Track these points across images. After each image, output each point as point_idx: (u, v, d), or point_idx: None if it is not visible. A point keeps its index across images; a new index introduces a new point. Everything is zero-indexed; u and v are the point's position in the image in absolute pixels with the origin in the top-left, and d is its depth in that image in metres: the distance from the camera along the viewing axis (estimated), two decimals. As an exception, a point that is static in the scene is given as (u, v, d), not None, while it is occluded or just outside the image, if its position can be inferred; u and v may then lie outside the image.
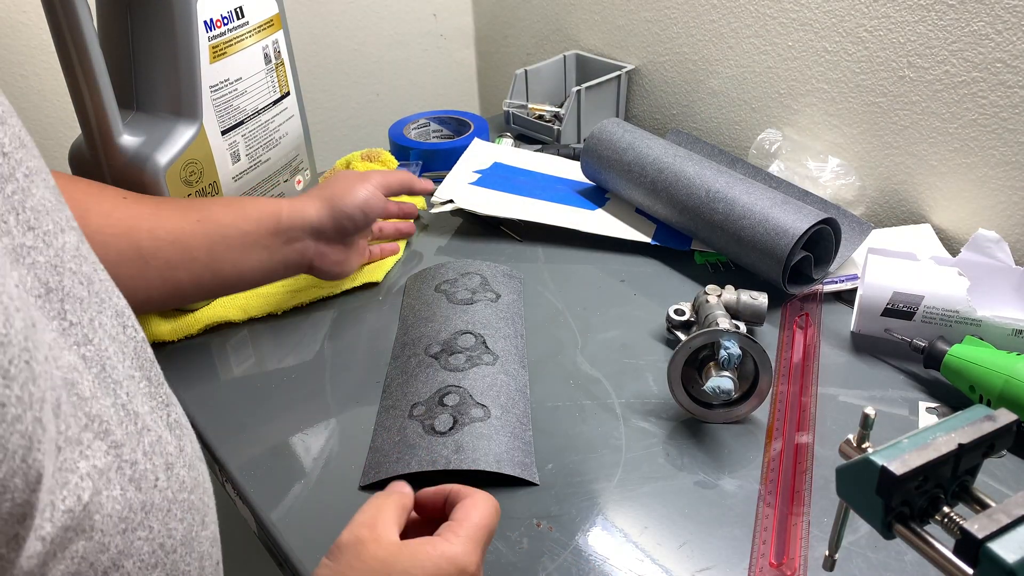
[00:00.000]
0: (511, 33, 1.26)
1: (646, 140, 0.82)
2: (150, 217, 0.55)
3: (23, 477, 0.21)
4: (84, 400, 0.27)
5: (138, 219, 0.55)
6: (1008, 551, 0.28)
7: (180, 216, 0.57)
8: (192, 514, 0.33)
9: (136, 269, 0.54)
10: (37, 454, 0.22)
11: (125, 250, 0.54)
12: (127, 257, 0.54)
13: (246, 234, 0.59)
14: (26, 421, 0.21)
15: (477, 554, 0.39)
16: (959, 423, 0.34)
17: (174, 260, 0.56)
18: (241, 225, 0.59)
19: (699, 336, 0.57)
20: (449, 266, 0.76)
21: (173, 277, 0.56)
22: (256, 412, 0.62)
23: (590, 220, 0.83)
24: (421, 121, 1.03)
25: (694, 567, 0.49)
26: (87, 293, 0.30)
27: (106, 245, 0.53)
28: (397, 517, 0.41)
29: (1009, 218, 0.74)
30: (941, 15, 0.72)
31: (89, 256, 0.31)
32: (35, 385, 0.22)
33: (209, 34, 0.66)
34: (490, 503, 0.42)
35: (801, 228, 0.67)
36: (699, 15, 0.94)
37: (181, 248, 0.56)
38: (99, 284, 0.31)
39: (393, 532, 0.39)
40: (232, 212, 0.59)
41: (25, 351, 0.21)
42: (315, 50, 1.17)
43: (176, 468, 0.32)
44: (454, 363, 0.63)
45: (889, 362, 0.65)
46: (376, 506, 0.41)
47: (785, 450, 0.57)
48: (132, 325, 0.33)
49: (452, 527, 0.40)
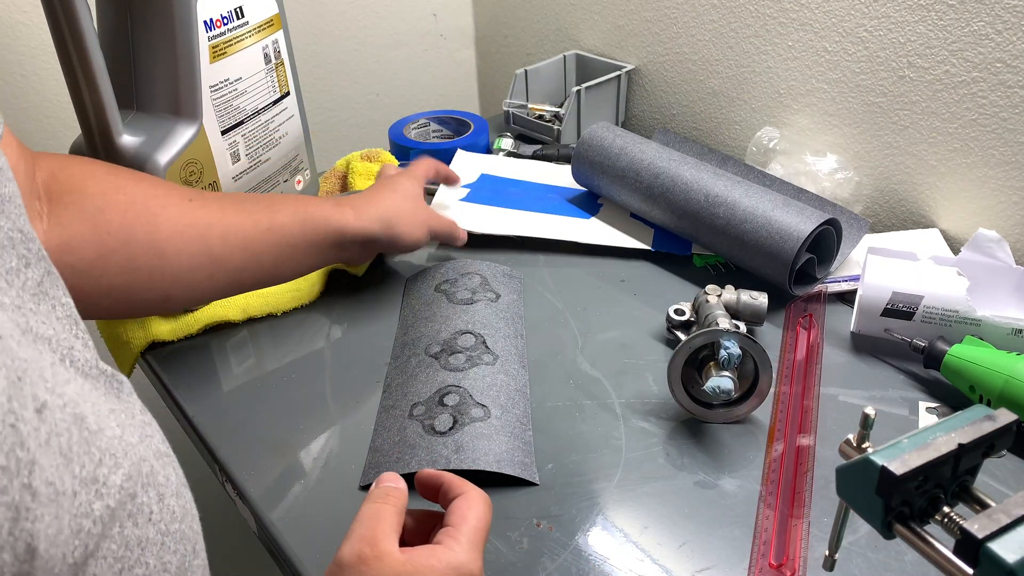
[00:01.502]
0: (511, 33, 1.26)
1: (638, 144, 0.82)
2: (219, 223, 0.57)
3: (11, 551, 0.20)
4: (93, 434, 0.25)
5: (209, 225, 0.56)
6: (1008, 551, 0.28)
7: (251, 224, 0.58)
8: (184, 544, 0.32)
9: (207, 272, 0.56)
10: (26, 523, 0.20)
11: (197, 255, 0.55)
12: (200, 262, 0.56)
13: (311, 245, 0.62)
14: (12, 491, 0.20)
15: (479, 557, 0.40)
16: (959, 423, 0.34)
17: (242, 264, 0.58)
18: (309, 237, 0.62)
19: (699, 336, 0.57)
20: (449, 266, 0.76)
21: (239, 279, 0.59)
22: (256, 412, 0.62)
23: (587, 230, 0.83)
24: (421, 121, 1.03)
25: (694, 567, 0.49)
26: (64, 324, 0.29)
27: (179, 252, 0.55)
28: (396, 525, 0.40)
29: (1009, 218, 0.74)
30: (941, 15, 0.72)
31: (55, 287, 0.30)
32: (23, 449, 0.20)
33: (209, 34, 0.66)
34: (484, 501, 0.42)
35: (806, 230, 0.67)
36: (699, 15, 0.94)
37: (250, 255, 0.58)
38: (71, 312, 0.31)
39: (394, 543, 0.39)
40: (299, 223, 0.61)
41: (10, 413, 0.20)
42: (315, 50, 1.17)
43: (167, 498, 0.31)
44: (454, 363, 0.63)
45: (889, 362, 0.65)
46: (374, 516, 0.40)
47: (786, 452, 0.57)
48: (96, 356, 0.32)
49: (451, 532, 0.40)
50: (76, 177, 0.52)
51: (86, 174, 0.53)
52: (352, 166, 0.91)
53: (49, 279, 0.30)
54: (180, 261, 0.55)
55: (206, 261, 0.56)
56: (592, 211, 0.87)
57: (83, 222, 0.51)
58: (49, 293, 0.29)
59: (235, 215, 0.58)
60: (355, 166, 0.90)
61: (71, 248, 0.50)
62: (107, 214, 0.52)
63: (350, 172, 0.89)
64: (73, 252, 0.50)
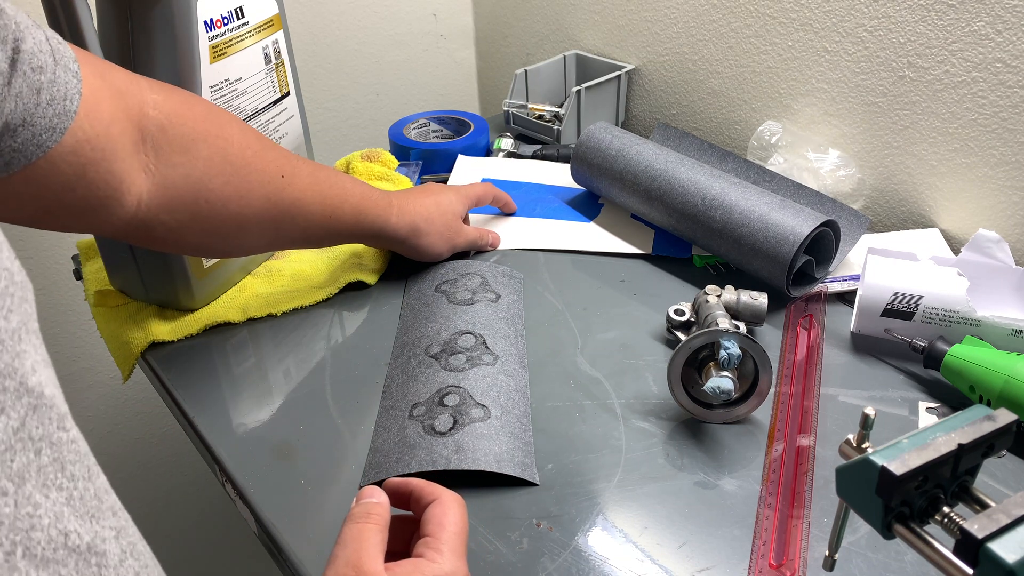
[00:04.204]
0: (511, 33, 1.26)
1: (635, 146, 0.81)
2: (296, 205, 0.62)
3: None
4: None
5: (289, 207, 0.62)
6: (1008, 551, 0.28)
7: (320, 211, 0.64)
8: None
9: (269, 242, 0.64)
10: None
11: (268, 231, 0.62)
12: (268, 238, 0.63)
13: (354, 234, 0.69)
14: None
15: (463, 564, 0.39)
16: (959, 423, 0.34)
17: (297, 239, 0.66)
18: (356, 232, 0.69)
19: (699, 336, 0.57)
20: (449, 266, 0.76)
21: (291, 247, 0.68)
22: (256, 412, 0.62)
23: (587, 234, 0.83)
24: (421, 121, 1.03)
25: (694, 567, 0.49)
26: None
27: (257, 226, 0.61)
28: (380, 543, 0.39)
29: (1009, 218, 0.74)
30: (941, 15, 0.72)
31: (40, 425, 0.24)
32: None
33: (209, 34, 0.66)
34: (459, 505, 0.42)
35: (803, 233, 0.67)
36: (699, 15, 0.94)
37: (307, 235, 0.66)
38: (58, 455, 0.24)
39: (378, 563, 0.38)
40: (355, 215, 0.68)
41: None
42: (315, 50, 1.17)
43: (128, 561, 0.26)
44: (454, 363, 0.63)
45: (889, 362, 0.65)
46: (356, 538, 0.39)
47: (786, 452, 0.57)
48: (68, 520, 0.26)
49: (431, 543, 0.39)
50: (189, 136, 0.54)
51: (199, 134, 0.55)
52: (352, 166, 0.91)
53: (35, 418, 0.23)
54: (253, 234, 0.61)
55: (273, 236, 0.63)
56: (593, 213, 0.87)
57: (187, 186, 0.54)
58: (32, 436, 0.24)
59: (312, 200, 0.63)
60: (355, 166, 0.90)
61: (170, 208, 0.54)
62: (211, 183, 0.56)
63: (350, 172, 0.89)
64: (170, 211, 0.54)
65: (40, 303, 1.04)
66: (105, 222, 0.51)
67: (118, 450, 1.21)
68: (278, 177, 0.61)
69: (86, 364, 1.12)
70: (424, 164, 0.96)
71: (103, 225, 0.51)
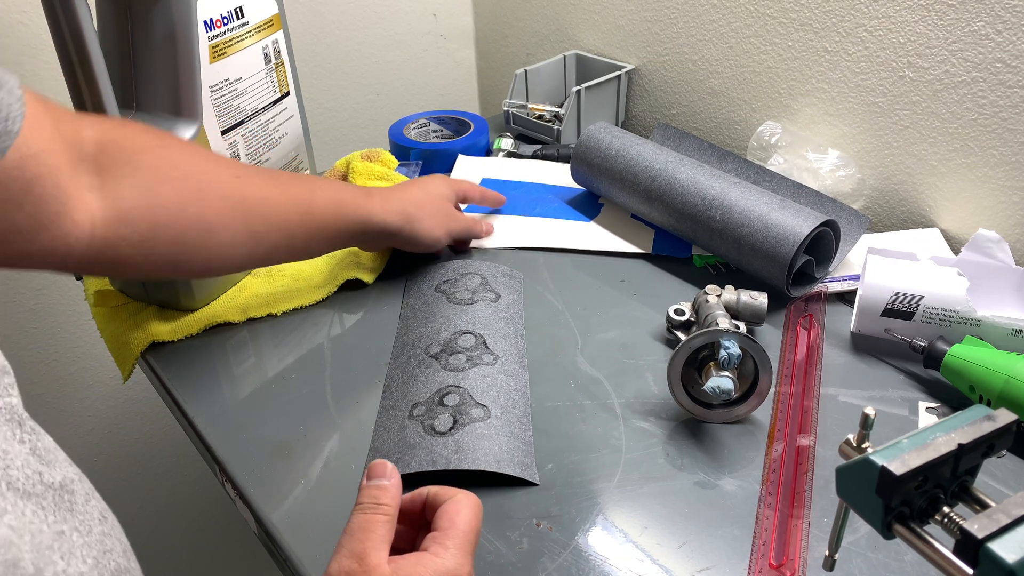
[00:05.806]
0: (511, 33, 1.26)
1: (635, 146, 0.81)
2: (263, 202, 0.60)
3: None
4: None
5: (254, 204, 0.60)
6: (1008, 551, 0.28)
7: (291, 206, 0.62)
8: None
9: (248, 248, 0.61)
10: None
11: (240, 232, 0.59)
12: (242, 239, 0.60)
13: (339, 231, 0.66)
14: None
15: (469, 562, 0.39)
16: (959, 423, 0.34)
17: (279, 243, 0.63)
18: (339, 224, 0.66)
19: (699, 336, 0.57)
20: (449, 266, 0.76)
21: (274, 256, 0.64)
22: (256, 412, 0.62)
23: (587, 234, 0.83)
24: (421, 121, 1.03)
25: (694, 567, 0.49)
26: None
27: (225, 228, 0.58)
28: (387, 534, 0.39)
29: (1009, 218, 0.74)
30: (941, 15, 0.72)
31: None
32: None
33: (209, 34, 0.66)
34: (473, 504, 0.41)
35: (803, 233, 0.67)
36: (699, 15, 0.94)
37: (287, 235, 0.63)
38: (14, 412, 0.29)
39: (382, 556, 0.38)
40: (334, 209, 0.65)
41: None
42: (315, 50, 1.17)
43: None
44: (454, 363, 0.63)
45: (889, 362, 0.65)
46: (363, 528, 0.39)
47: (786, 452, 0.57)
48: (40, 464, 0.30)
49: (439, 538, 0.39)
50: (129, 150, 0.53)
51: (139, 147, 0.54)
52: (352, 166, 0.91)
53: None
54: (225, 237, 0.58)
55: (247, 238, 0.60)
56: (593, 212, 0.87)
57: (139, 196, 0.53)
58: None
59: (278, 196, 0.61)
60: (355, 166, 0.90)
61: (126, 221, 0.52)
62: (162, 189, 0.54)
63: (350, 172, 0.89)
64: (128, 224, 0.52)
65: (40, 303, 1.04)
66: (62, 244, 0.49)
67: (118, 450, 1.21)
68: (231, 177, 0.59)
69: (86, 364, 1.12)
70: (424, 164, 0.96)
71: (59, 248, 0.49)
